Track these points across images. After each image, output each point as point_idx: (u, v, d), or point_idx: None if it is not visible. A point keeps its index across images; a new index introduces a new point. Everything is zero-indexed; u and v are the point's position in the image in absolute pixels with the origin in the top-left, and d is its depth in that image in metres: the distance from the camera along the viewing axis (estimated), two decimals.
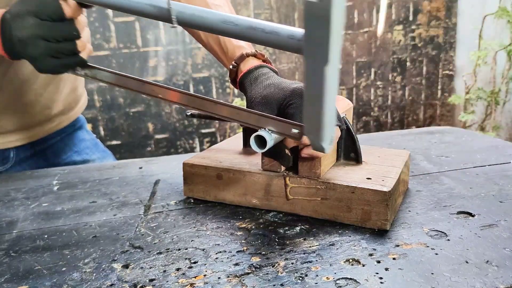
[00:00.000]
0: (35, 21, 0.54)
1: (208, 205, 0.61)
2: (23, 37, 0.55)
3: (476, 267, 0.43)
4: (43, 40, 0.55)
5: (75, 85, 0.90)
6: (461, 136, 0.90)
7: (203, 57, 2.41)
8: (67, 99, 0.89)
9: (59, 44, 0.56)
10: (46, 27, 0.54)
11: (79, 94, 0.94)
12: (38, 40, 0.55)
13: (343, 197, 0.53)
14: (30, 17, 0.54)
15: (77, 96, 0.92)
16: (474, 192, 0.60)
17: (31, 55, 0.56)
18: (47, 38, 0.55)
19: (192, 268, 0.45)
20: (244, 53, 0.63)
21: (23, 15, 0.54)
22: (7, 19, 0.56)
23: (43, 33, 0.54)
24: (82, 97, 0.95)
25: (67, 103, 0.89)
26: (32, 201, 0.65)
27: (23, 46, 0.55)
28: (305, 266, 0.45)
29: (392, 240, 0.49)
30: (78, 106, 0.94)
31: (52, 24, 0.55)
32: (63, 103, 0.88)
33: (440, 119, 2.80)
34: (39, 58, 0.56)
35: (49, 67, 0.57)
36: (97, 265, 0.47)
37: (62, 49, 0.56)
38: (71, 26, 0.56)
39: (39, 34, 0.54)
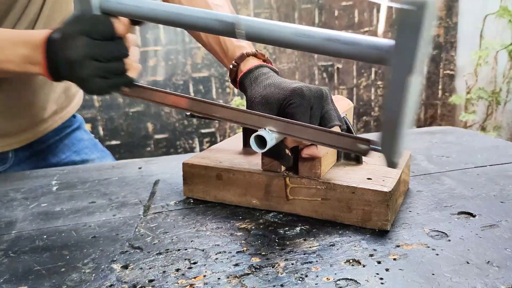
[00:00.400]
0: (86, 41, 0.52)
1: (208, 206, 0.61)
2: (73, 57, 0.52)
3: (477, 268, 0.43)
4: (94, 60, 0.53)
5: (68, 85, 0.90)
6: (462, 136, 0.90)
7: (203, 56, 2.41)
8: (60, 99, 0.89)
9: (108, 64, 0.54)
10: (97, 46, 0.53)
11: (72, 94, 0.93)
12: (88, 61, 0.53)
13: (343, 198, 0.53)
14: (82, 37, 0.52)
15: (69, 95, 0.92)
16: (475, 192, 0.60)
17: (80, 76, 0.53)
18: (97, 58, 0.53)
19: (192, 269, 0.45)
20: (244, 52, 0.63)
21: (75, 35, 0.52)
22: (55, 39, 0.55)
23: (94, 53, 0.53)
24: (76, 96, 0.95)
25: (59, 103, 0.89)
26: (31, 202, 0.65)
27: (72, 67, 0.53)
28: (305, 266, 0.45)
29: (393, 241, 0.49)
30: (71, 105, 0.94)
31: (104, 43, 0.53)
32: (56, 103, 0.88)
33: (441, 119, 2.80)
34: (88, 79, 0.54)
35: (97, 88, 0.55)
36: (97, 265, 0.47)
37: (111, 69, 0.54)
38: (121, 44, 0.55)
39: (91, 54, 0.52)
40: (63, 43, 0.53)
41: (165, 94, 0.56)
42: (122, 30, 0.54)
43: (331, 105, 0.55)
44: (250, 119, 0.52)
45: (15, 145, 0.84)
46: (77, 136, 0.96)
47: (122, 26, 0.54)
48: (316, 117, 0.53)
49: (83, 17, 0.53)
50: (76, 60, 0.52)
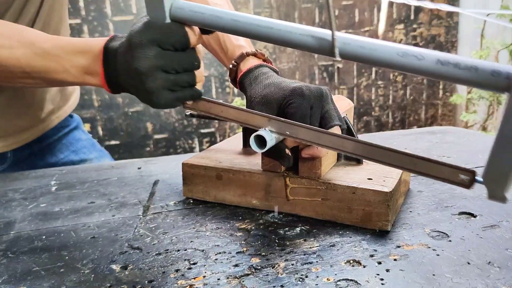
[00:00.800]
0: (157, 51, 0.49)
1: (208, 206, 0.61)
2: (143, 68, 0.49)
3: (478, 268, 0.43)
4: (163, 71, 0.49)
5: None
6: (463, 136, 0.90)
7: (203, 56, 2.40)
8: (55, 98, 0.89)
9: (178, 75, 0.50)
10: (168, 57, 0.49)
11: (69, 93, 0.93)
12: (158, 72, 0.49)
13: (343, 198, 0.53)
14: (153, 47, 0.49)
15: (65, 94, 0.92)
16: (476, 192, 0.60)
17: (149, 88, 0.50)
18: (167, 70, 0.49)
19: (192, 269, 0.45)
20: (244, 52, 0.63)
21: (146, 44, 0.49)
22: (117, 48, 0.52)
23: (165, 64, 0.49)
24: (72, 96, 0.95)
25: (55, 103, 0.89)
26: (30, 202, 0.65)
27: (139, 78, 0.49)
28: (306, 267, 0.45)
29: (393, 241, 0.49)
30: (68, 104, 0.94)
31: (175, 54, 0.50)
32: (52, 103, 0.88)
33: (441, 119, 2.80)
34: (157, 92, 0.50)
35: (165, 101, 0.51)
36: (96, 266, 0.47)
37: (180, 81, 0.51)
38: (192, 55, 0.51)
39: (161, 65, 0.49)
40: (130, 53, 0.50)
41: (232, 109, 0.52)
42: (195, 40, 0.51)
43: (332, 104, 0.55)
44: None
45: (13, 146, 0.84)
46: (75, 135, 0.96)
47: (194, 36, 0.51)
48: (316, 117, 0.53)
49: (155, 25, 0.49)
50: (145, 71, 0.49)
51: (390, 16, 2.59)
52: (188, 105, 0.54)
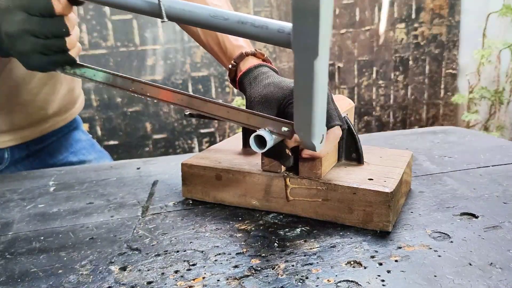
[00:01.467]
0: (24, 16, 0.53)
1: (207, 206, 0.61)
2: (12, 32, 0.54)
3: (480, 270, 0.43)
4: (32, 36, 0.54)
5: (72, 86, 0.90)
6: (465, 136, 0.90)
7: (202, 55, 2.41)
8: (64, 100, 0.89)
9: (48, 40, 0.55)
10: (35, 22, 0.54)
11: (76, 96, 0.94)
12: (27, 36, 0.54)
13: (344, 198, 0.53)
14: (20, 12, 0.53)
15: (73, 97, 0.92)
16: (478, 193, 0.60)
17: (19, 50, 0.55)
18: (36, 34, 0.54)
19: (191, 271, 0.45)
20: (243, 52, 0.63)
21: (13, 10, 0.53)
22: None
23: (32, 28, 0.54)
24: (79, 99, 0.95)
25: (63, 105, 0.89)
26: (28, 202, 0.65)
27: (11, 41, 0.55)
28: (306, 268, 0.45)
29: (394, 242, 0.49)
30: (75, 107, 0.94)
31: (42, 19, 0.54)
32: (59, 104, 0.88)
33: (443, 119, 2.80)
34: (27, 54, 0.55)
35: (37, 63, 0.56)
36: (94, 267, 0.47)
37: (50, 46, 0.55)
38: (60, 22, 0.55)
39: (28, 29, 0.54)
40: (2, 17, 0.54)
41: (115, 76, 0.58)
42: (60, 8, 0.54)
43: (332, 104, 0.55)
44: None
45: (10, 143, 0.83)
46: (74, 136, 0.96)
47: (59, 4, 0.54)
48: None
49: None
50: (13, 34, 0.54)
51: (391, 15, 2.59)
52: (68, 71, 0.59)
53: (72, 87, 0.90)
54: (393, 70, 2.65)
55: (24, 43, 0.54)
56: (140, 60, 2.33)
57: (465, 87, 2.65)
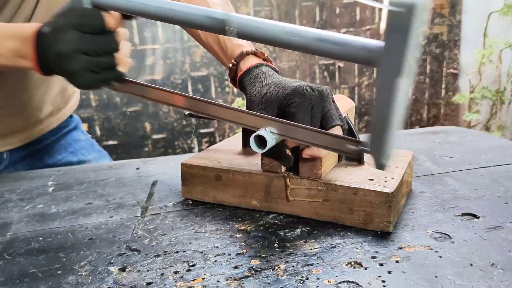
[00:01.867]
0: (76, 35, 0.53)
1: (207, 207, 0.61)
2: (63, 51, 0.53)
3: (481, 270, 0.43)
4: (84, 54, 0.53)
5: (64, 85, 0.90)
6: (466, 136, 0.90)
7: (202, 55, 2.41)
8: (56, 100, 0.89)
9: (98, 57, 0.54)
10: (87, 40, 0.53)
11: (69, 95, 0.93)
12: (78, 54, 0.53)
13: (345, 199, 0.53)
14: (72, 31, 0.53)
15: (66, 97, 0.92)
16: (479, 193, 0.60)
17: (70, 70, 0.54)
18: (87, 52, 0.53)
19: (191, 271, 0.45)
20: (243, 51, 0.63)
21: (65, 29, 0.53)
22: (45, 32, 0.55)
23: (85, 47, 0.53)
24: (72, 98, 0.95)
25: (55, 104, 0.89)
26: (26, 203, 0.65)
27: (62, 60, 0.54)
28: (306, 269, 0.45)
29: (395, 243, 0.49)
30: (68, 106, 0.94)
31: (94, 37, 0.53)
32: (52, 104, 0.88)
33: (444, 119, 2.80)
34: (78, 73, 0.54)
35: (87, 82, 0.55)
36: (93, 268, 0.47)
37: (101, 63, 0.55)
38: (111, 38, 0.55)
39: (81, 48, 0.53)
40: (53, 37, 0.54)
41: (158, 90, 0.56)
42: (113, 24, 0.54)
43: (333, 104, 0.55)
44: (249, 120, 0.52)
45: (9, 146, 0.84)
46: (73, 136, 0.96)
47: (112, 20, 0.54)
48: (317, 117, 0.53)
49: (73, 10, 0.53)
50: (65, 53, 0.53)
51: None
52: (116, 86, 0.58)
53: (64, 86, 0.90)
54: None
55: (75, 62, 0.53)
56: (139, 59, 2.33)
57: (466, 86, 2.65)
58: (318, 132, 0.49)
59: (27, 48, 0.57)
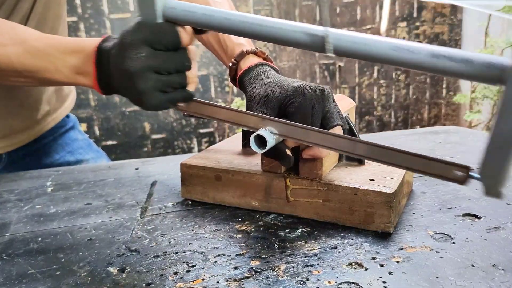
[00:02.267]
0: (148, 51, 0.48)
1: (207, 207, 0.61)
2: (134, 69, 0.48)
3: (482, 271, 0.43)
4: (155, 72, 0.49)
5: None
6: (467, 136, 0.90)
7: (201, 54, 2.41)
8: (52, 99, 0.88)
9: (170, 76, 0.50)
10: (160, 57, 0.49)
11: (65, 94, 0.93)
12: (149, 73, 0.48)
13: (345, 199, 0.53)
14: (144, 47, 0.48)
15: (62, 96, 0.92)
16: (480, 193, 0.60)
17: (139, 89, 0.49)
18: (159, 71, 0.49)
19: (190, 272, 0.45)
20: (244, 50, 0.63)
21: (137, 45, 0.48)
22: (110, 48, 0.52)
23: (157, 64, 0.49)
24: (68, 97, 0.95)
25: (52, 104, 0.89)
26: (25, 203, 0.65)
27: (130, 79, 0.49)
28: (307, 270, 0.45)
29: (396, 243, 0.49)
30: (64, 106, 0.93)
31: (166, 54, 0.49)
32: (48, 104, 0.88)
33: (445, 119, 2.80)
34: (148, 93, 0.49)
35: (156, 102, 0.50)
36: (92, 268, 0.47)
37: (172, 83, 0.50)
38: (184, 56, 0.51)
39: (153, 65, 0.48)
40: (122, 53, 0.49)
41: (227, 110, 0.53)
42: (187, 40, 0.50)
43: (333, 104, 0.55)
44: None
45: (8, 148, 0.83)
46: (71, 136, 0.96)
47: (187, 36, 0.50)
48: (318, 117, 0.53)
49: (146, 25, 0.49)
50: (136, 72, 0.48)
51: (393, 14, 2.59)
52: (180, 107, 0.54)
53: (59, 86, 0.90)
54: (394, 69, 2.65)
55: (146, 81, 0.49)
56: None
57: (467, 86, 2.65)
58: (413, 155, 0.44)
59: (88, 65, 0.53)
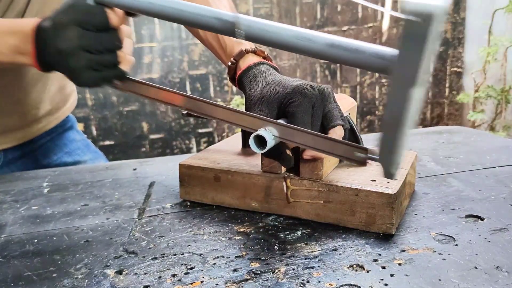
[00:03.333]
0: (79, 31, 0.52)
1: (206, 208, 0.61)
2: (65, 48, 0.52)
3: (486, 273, 0.43)
4: (86, 51, 0.53)
5: (63, 84, 0.90)
6: (470, 136, 0.90)
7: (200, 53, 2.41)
8: (55, 98, 0.89)
9: (101, 55, 0.54)
10: (90, 37, 0.53)
11: (68, 94, 0.94)
12: (80, 52, 0.53)
13: (346, 200, 0.53)
14: (74, 27, 0.52)
15: (65, 95, 0.92)
16: (484, 194, 0.61)
17: (72, 67, 0.54)
18: (89, 50, 0.53)
19: (189, 274, 0.45)
20: (243, 49, 0.63)
21: (67, 25, 0.52)
22: (46, 28, 0.54)
23: (87, 44, 0.52)
24: (71, 97, 0.95)
25: (54, 103, 0.89)
26: (21, 204, 0.65)
27: (63, 57, 0.53)
28: (307, 272, 0.45)
29: (398, 245, 0.49)
30: (66, 106, 0.94)
31: (96, 34, 0.53)
32: (51, 103, 0.88)
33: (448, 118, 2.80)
34: (79, 71, 0.54)
35: (89, 80, 0.55)
36: (89, 271, 0.47)
37: (103, 61, 0.54)
38: (114, 36, 0.54)
39: (83, 45, 0.52)
40: (54, 33, 0.53)
41: (159, 89, 0.56)
42: (116, 21, 0.54)
43: (334, 103, 0.55)
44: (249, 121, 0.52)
45: (5, 145, 0.83)
46: (69, 136, 0.96)
47: (116, 17, 0.54)
48: (318, 116, 0.53)
49: (76, 6, 0.53)
50: (67, 50, 0.52)
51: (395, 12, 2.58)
52: (118, 85, 0.57)
53: (63, 84, 0.90)
54: None
55: (77, 59, 0.53)
56: (136, 58, 2.33)
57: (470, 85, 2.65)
58: (323, 137, 0.49)
59: (27, 45, 0.56)
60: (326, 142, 0.48)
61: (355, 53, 0.40)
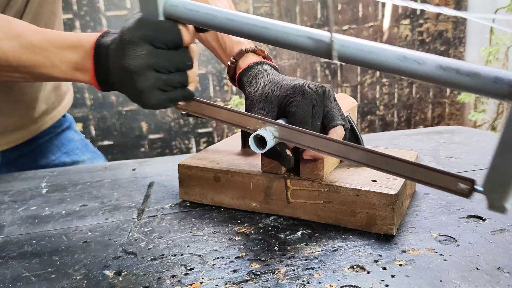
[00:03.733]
0: (149, 49, 0.48)
1: (205, 209, 0.61)
2: (133, 67, 0.48)
3: (487, 274, 0.43)
4: (155, 71, 0.49)
5: (57, 83, 0.90)
6: (471, 136, 0.90)
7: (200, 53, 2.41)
8: (50, 97, 0.88)
9: (170, 75, 0.50)
10: (161, 56, 0.49)
11: (63, 93, 0.93)
12: (149, 71, 0.49)
13: (347, 200, 0.53)
14: (145, 44, 0.48)
15: (60, 94, 0.92)
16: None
17: (139, 87, 0.49)
18: (159, 69, 0.49)
19: (188, 275, 0.45)
20: (243, 48, 0.63)
21: (137, 42, 0.48)
22: (108, 44, 0.52)
23: (157, 63, 0.49)
24: (66, 96, 0.95)
25: (50, 102, 0.89)
26: (19, 205, 0.65)
27: (129, 77, 0.49)
28: (307, 273, 0.45)
29: (399, 246, 0.49)
30: (62, 105, 0.94)
31: (167, 52, 0.49)
32: (46, 102, 0.88)
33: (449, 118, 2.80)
34: (147, 92, 0.49)
35: (155, 101, 0.50)
36: (88, 272, 0.47)
37: (172, 82, 0.51)
38: (185, 55, 0.51)
39: (153, 64, 0.49)
40: (121, 50, 0.49)
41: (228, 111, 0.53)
42: (189, 39, 0.50)
43: (334, 103, 0.55)
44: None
45: (3, 147, 0.83)
46: (67, 136, 0.96)
47: (188, 35, 0.50)
48: (318, 116, 0.53)
49: (147, 22, 0.49)
50: (135, 69, 0.49)
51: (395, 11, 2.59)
52: (180, 106, 0.54)
53: (57, 84, 0.90)
54: None
55: (146, 79, 0.49)
56: None
57: None
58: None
59: (86, 61, 0.53)
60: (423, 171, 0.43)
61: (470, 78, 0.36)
